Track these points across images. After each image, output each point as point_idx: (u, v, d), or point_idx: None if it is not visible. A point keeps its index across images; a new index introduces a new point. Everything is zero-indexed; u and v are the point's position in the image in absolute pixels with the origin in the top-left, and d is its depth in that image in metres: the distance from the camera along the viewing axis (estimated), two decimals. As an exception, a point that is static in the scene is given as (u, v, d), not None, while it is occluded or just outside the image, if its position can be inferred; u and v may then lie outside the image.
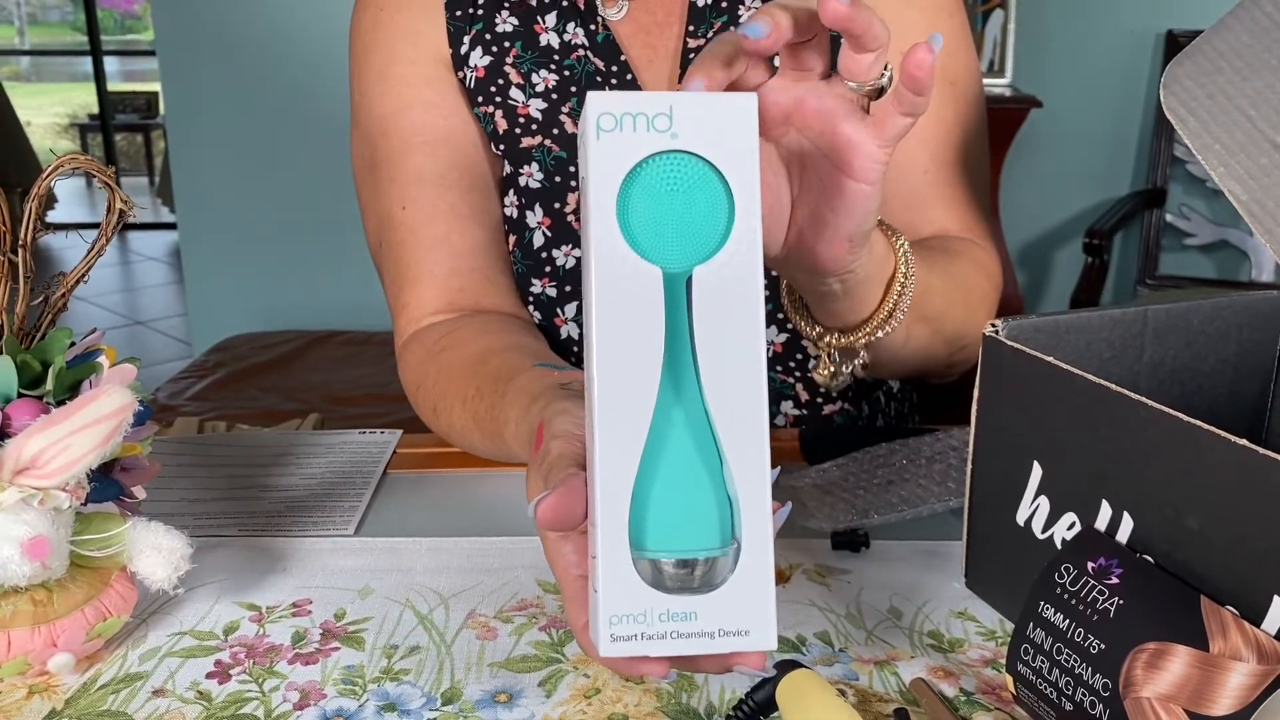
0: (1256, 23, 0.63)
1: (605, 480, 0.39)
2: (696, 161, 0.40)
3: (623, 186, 0.40)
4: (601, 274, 0.40)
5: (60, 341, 0.57)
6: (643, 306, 0.40)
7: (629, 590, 0.39)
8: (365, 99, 0.85)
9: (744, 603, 0.40)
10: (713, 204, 0.40)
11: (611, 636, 0.39)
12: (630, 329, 0.40)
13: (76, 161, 0.58)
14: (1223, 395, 0.64)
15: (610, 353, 0.40)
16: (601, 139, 0.40)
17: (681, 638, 0.40)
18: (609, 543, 0.39)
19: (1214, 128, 0.63)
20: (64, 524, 0.54)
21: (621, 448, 0.39)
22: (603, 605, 0.39)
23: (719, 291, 0.40)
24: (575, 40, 0.83)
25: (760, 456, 0.40)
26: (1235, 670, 0.41)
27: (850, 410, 0.89)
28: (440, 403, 0.75)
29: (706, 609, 0.40)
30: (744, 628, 0.40)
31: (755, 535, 0.40)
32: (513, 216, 0.87)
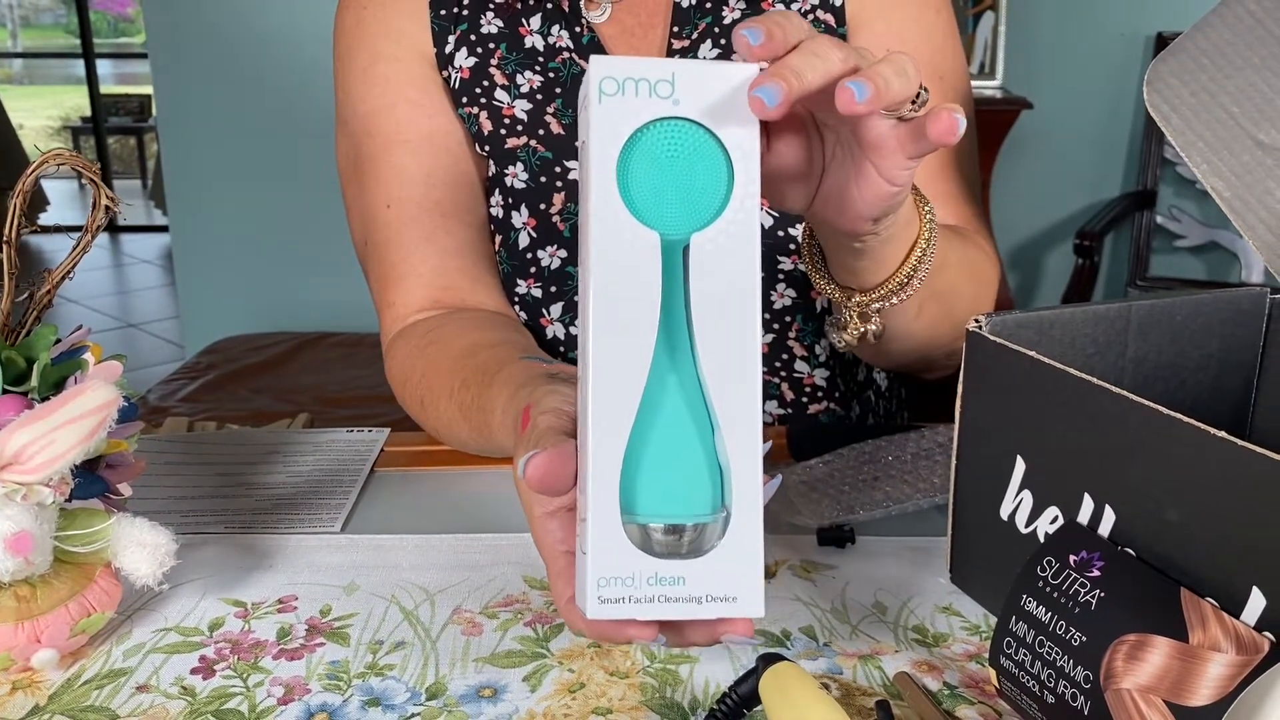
0: (1239, 21, 0.63)
1: (598, 442, 0.39)
2: (697, 129, 0.41)
3: (623, 152, 0.40)
4: (600, 238, 0.40)
5: (45, 338, 0.57)
6: (640, 272, 0.40)
7: (618, 553, 0.39)
8: (349, 97, 0.85)
9: (732, 569, 0.40)
10: (712, 172, 0.41)
11: (599, 599, 0.39)
12: (627, 294, 0.40)
13: (62, 158, 0.58)
14: (1206, 391, 0.64)
15: (606, 317, 0.40)
16: (603, 103, 0.40)
17: (669, 602, 0.40)
18: (600, 505, 0.39)
19: (1197, 125, 0.63)
20: (48, 519, 0.54)
21: (615, 411, 0.40)
22: (591, 567, 0.39)
23: (716, 259, 0.40)
24: (560, 43, 0.83)
25: (753, 425, 0.40)
26: (1214, 661, 0.41)
27: (837, 410, 0.90)
28: (427, 396, 0.75)
29: (695, 574, 0.40)
30: (732, 594, 0.40)
31: (745, 503, 0.40)
32: (498, 217, 0.87)
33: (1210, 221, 2.78)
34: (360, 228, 0.85)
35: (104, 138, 6.28)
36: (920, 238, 0.62)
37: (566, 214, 0.84)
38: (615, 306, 0.40)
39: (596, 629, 0.42)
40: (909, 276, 0.62)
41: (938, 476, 0.72)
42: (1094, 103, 2.83)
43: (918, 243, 0.62)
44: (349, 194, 0.86)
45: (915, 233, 0.62)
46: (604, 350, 0.40)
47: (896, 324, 0.68)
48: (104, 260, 5.09)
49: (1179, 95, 0.64)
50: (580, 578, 0.41)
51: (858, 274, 0.62)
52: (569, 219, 0.84)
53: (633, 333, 0.40)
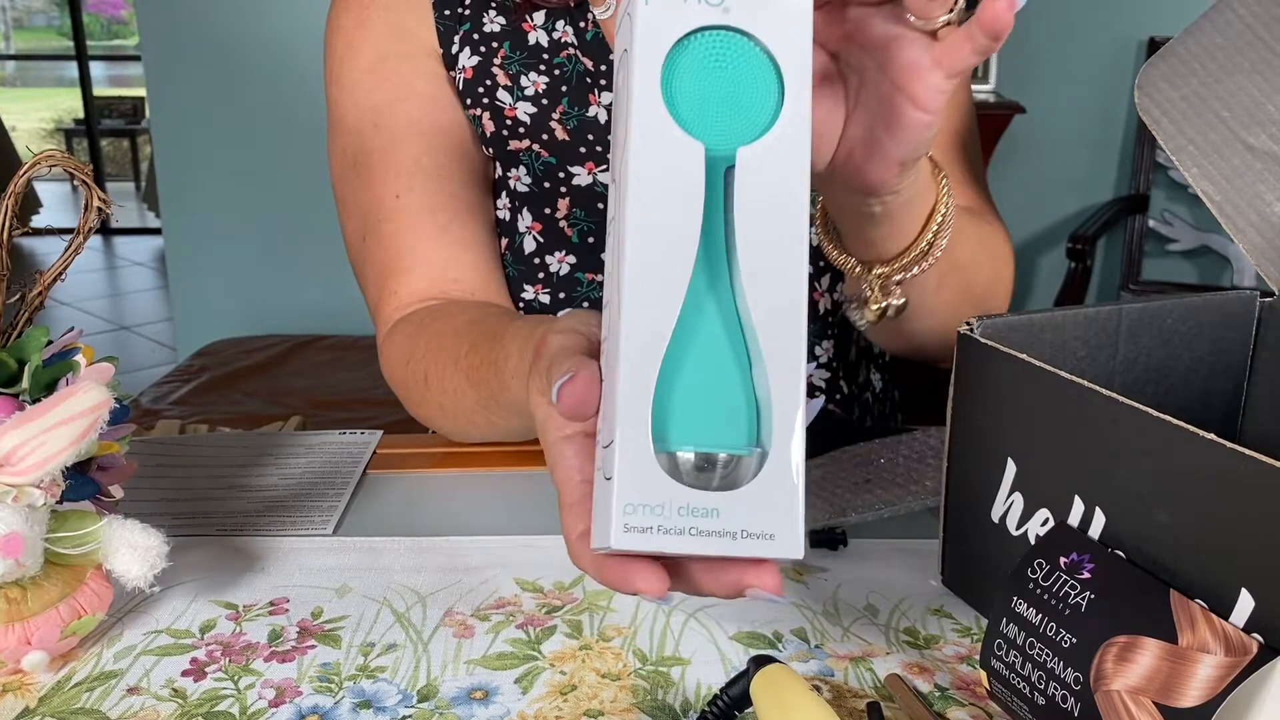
0: (1230, 25, 0.63)
1: (629, 362, 0.37)
2: (747, 41, 0.39)
3: (668, 58, 0.38)
4: (641, 148, 0.37)
5: (37, 339, 0.57)
6: (682, 183, 0.37)
7: (648, 478, 0.37)
8: (349, 94, 0.83)
9: (771, 505, 0.37)
10: (762, 85, 0.38)
11: (625, 526, 0.36)
12: (667, 206, 0.37)
13: (54, 159, 0.58)
14: (1196, 394, 0.64)
15: (644, 231, 0.37)
16: (651, 4, 0.38)
17: (700, 535, 0.37)
18: (630, 427, 0.37)
19: (1187, 129, 0.63)
20: (38, 521, 0.54)
21: (649, 330, 0.37)
22: (618, 491, 0.36)
23: (762, 177, 0.38)
24: (564, 39, 0.82)
25: (796, 358, 0.38)
26: (1203, 662, 0.41)
27: (837, 412, 0.90)
28: (431, 369, 0.73)
29: (730, 507, 0.37)
30: (769, 531, 0.37)
31: (785, 438, 0.37)
32: (504, 219, 0.86)
33: (1202, 226, 2.79)
34: (359, 223, 0.83)
35: (97, 140, 6.28)
36: (939, 202, 0.61)
37: (573, 219, 0.84)
38: (654, 220, 0.37)
39: (607, 569, 0.39)
40: (930, 244, 0.61)
41: (930, 479, 0.72)
42: (1086, 107, 2.84)
43: (936, 207, 0.61)
44: (346, 191, 0.85)
45: (934, 198, 0.61)
46: (639, 266, 0.37)
47: (917, 298, 0.66)
48: (97, 263, 5.08)
49: (1169, 99, 0.64)
50: (602, 506, 0.38)
51: (877, 244, 0.61)
52: (575, 224, 0.84)
53: (671, 250, 0.37)
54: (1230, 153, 0.63)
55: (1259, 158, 0.62)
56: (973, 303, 0.74)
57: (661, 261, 0.37)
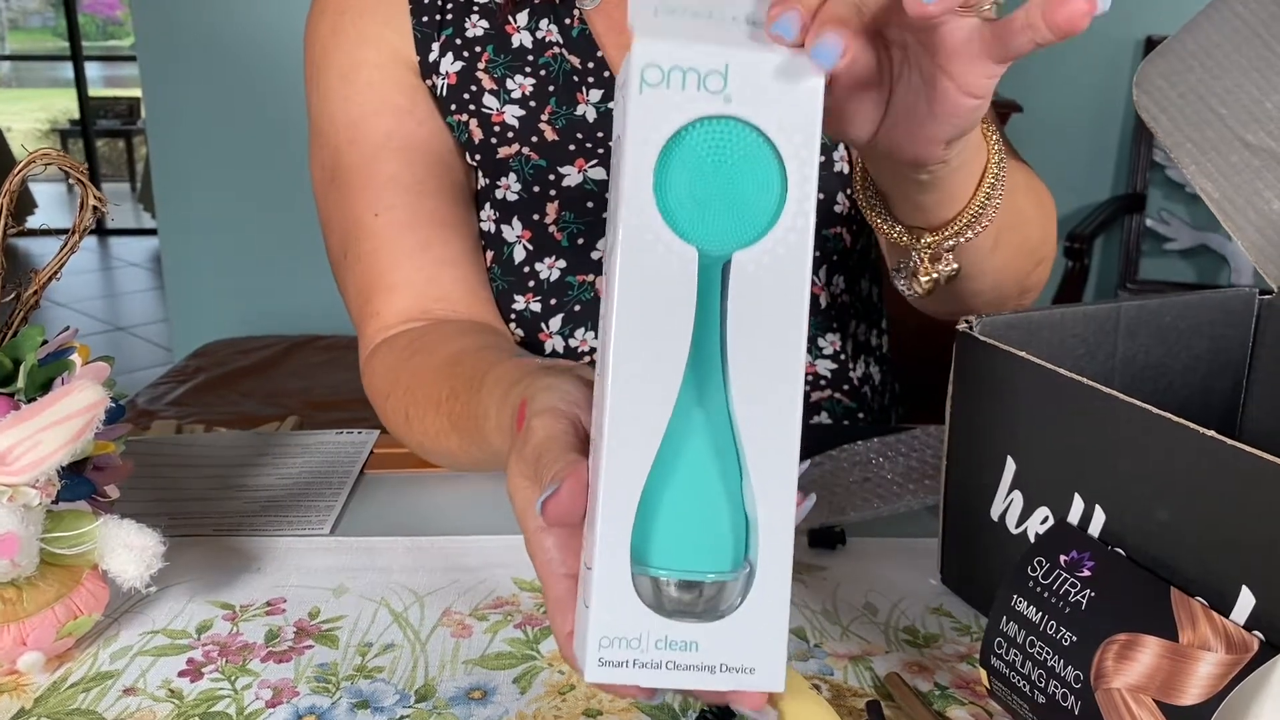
0: (1227, 22, 0.63)
1: (611, 484, 0.35)
2: (749, 131, 0.36)
3: (663, 152, 0.35)
4: (630, 249, 0.35)
5: (32, 339, 0.57)
6: (673, 290, 0.35)
7: (625, 610, 0.35)
8: (327, 105, 0.82)
9: (752, 636, 0.36)
10: (763, 182, 0.36)
11: (600, 660, 0.35)
12: (656, 314, 0.35)
13: (49, 158, 0.58)
14: (1195, 391, 0.64)
15: (631, 338, 0.35)
16: (645, 94, 0.35)
17: (678, 669, 0.35)
18: (608, 554, 0.35)
19: (1185, 126, 0.63)
20: (34, 521, 0.54)
21: (633, 448, 0.35)
22: (593, 625, 0.35)
23: (759, 282, 0.35)
24: (549, 37, 0.81)
25: (787, 476, 0.36)
26: (1204, 660, 0.41)
27: (843, 401, 0.89)
28: (412, 409, 0.72)
29: (710, 639, 0.35)
30: (750, 664, 0.36)
31: (772, 562, 0.36)
32: (489, 232, 0.85)
33: (1200, 225, 2.79)
34: (339, 240, 0.82)
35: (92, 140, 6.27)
36: (990, 162, 0.57)
37: (563, 223, 0.83)
38: (641, 329, 0.35)
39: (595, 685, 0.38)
40: (982, 207, 0.57)
41: (928, 477, 0.72)
42: (1084, 106, 2.84)
43: (988, 168, 0.57)
44: (326, 206, 0.83)
45: (985, 158, 0.57)
46: (625, 379, 0.35)
47: (971, 261, 0.63)
48: (92, 263, 5.08)
49: (1167, 97, 0.64)
50: (580, 630, 0.37)
51: (927, 210, 0.57)
52: (565, 227, 0.83)
53: (659, 360, 0.35)
54: (1228, 150, 0.62)
55: (1257, 155, 0.62)
56: (1028, 254, 0.71)
57: (647, 374, 0.35)
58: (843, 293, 0.89)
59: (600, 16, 0.82)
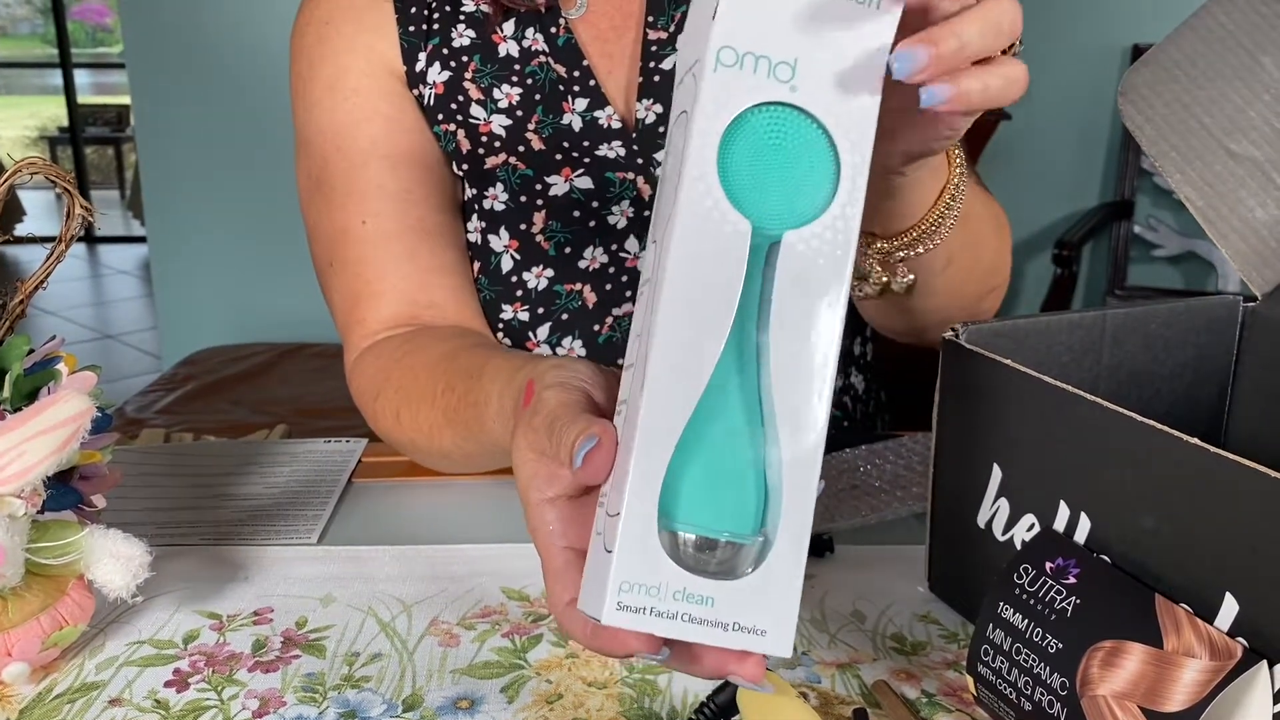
0: (1211, 32, 0.64)
1: (646, 435, 0.36)
2: (810, 123, 0.38)
3: (728, 129, 0.37)
4: (689, 215, 0.37)
5: (18, 348, 0.56)
6: (725, 259, 0.37)
7: (648, 558, 0.36)
8: (312, 114, 0.82)
9: (767, 600, 0.37)
10: (819, 170, 0.38)
11: (619, 604, 0.36)
12: (707, 280, 0.37)
13: (35, 166, 0.58)
14: (1181, 399, 0.65)
15: (678, 301, 0.37)
16: (718, 73, 0.37)
17: (692, 622, 0.37)
18: (637, 503, 0.36)
19: (1170, 135, 0.64)
20: (19, 531, 0.53)
21: (671, 403, 0.37)
22: (615, 568, 0.36)
23: (806, 263, 0.37)
24: (535, 46, 0.81)
25: (813, 449, 0.37)
26: (1188, 667, 0.41)
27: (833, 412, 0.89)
28: (404, 407, 0.72)
29: (726, 597, 0.37)
30: (761, 626, 0.37)
31: (792, 532, 0.37)
32: (476, 242, 0.84)
33: (1187, 231, 2.80)
34: (325, 248, 0.82)
35: (81, 148, 6.25)
36: (949, 184, 0.58)
37: (550, 232, 0.83)
38: (691, 292, 0.37)
39: (599, 639, 0.39)
40: (935, 225, 0.58)
41: (916, 485, 0.72)
42: (1072, 114, 2.85)
43: (946, 188, 0.58)
44: (311, 213, 0.83)
45: (944, 179, 0.58)
46: (669, 338, 0.37)
47: (923, 278, 0.64)
48: (81, 271, 5.06)
49: (1152, 106, 0.64)
50: (597, 576, 0.38)
51: (883, 217, 0.58)
52: (552, 237, 0.83)
53: (703, 325, 0.37)
54: (1213, 159, 0.63)
55: (1241, 163, 0.62)
56: (979, 281, 0.72)
57: (692, 336, 0.37)
58: None
59: (585, 25, 0.83)
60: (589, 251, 0.83)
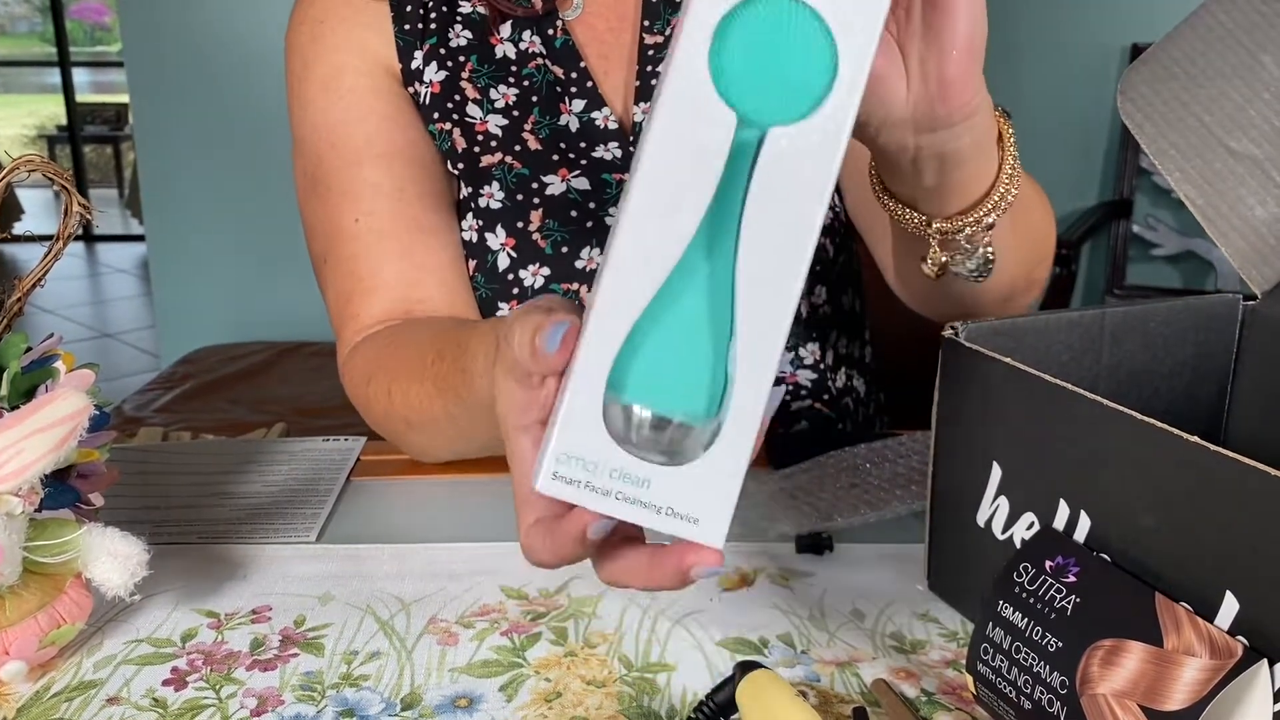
0: (1210, 30, 0.64)
1: (603, 308, 0.36)
2: (813, 17, 0.37)
3: (725, 18, 0.36)
4: (672, 102, 0.36)
5: (16, 346, 0.56)
6: (706, 148, 0.36)
7: (589, 433, 0.36)
8: (307, 112, 0.82)
9: (705, 489, 0.37)
10: (814, 67, 0.37)
11: (554, 474, 0.36)
12: (683, 168, 0.36)
13: (33, 164, 0.57)
14: (1180, 397, 0.64)
15: (652, 186, 0.36)
16: None
17: (625, 501, 0.37)
18: (585, 377, 0.36)
19: (1169, 133, 0.64)
20: (16, 529, 0.53)
21: (632, 285, 0.36)
22: (555, 439, 0.36)
23: (789, 161, 0.36)
24: (532, 48, 0.81)
25: (773, 349, 0.37)
26: (1188, 666, 0.41)
27: (823, 410, 0.89)
28: (395, 384, 0.72)
29: (663, 481, 0.37)
30: (695, 515, 0.37)
31: (741, 423, 0.37)
32: (472, 241, 0.84)
33: (1186, 230, 2.80)
34: (321, 246, 0.82)
35: (80, 147, 6.25)
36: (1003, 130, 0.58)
37: (546, 230, 0.83)
38: (666, 178, 0.36)
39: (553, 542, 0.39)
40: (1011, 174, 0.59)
41: (915, 483, 0.72)
42: (1070, 113, 2.85)
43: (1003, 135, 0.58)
44: (307, 211, 0.83)
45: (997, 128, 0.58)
46: (639, 219, 0.36)
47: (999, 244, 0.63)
48: (80, 269, 5.06)
49: (1152, 104, 0.64)
50: (541, 451, 0.38)
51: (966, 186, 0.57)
52: (549, 235, 0.83)
53: (676, 210, 0.36)
54: (1212, 157, 0.63)
55: (1240, 161, 0.62)
56: (1034, 246, 0.71)
57: (663, 219, 0.36)
58: (824, 303, 0.89)
59: (582, 27, 0.83)
60: (586, 252, 0.82)
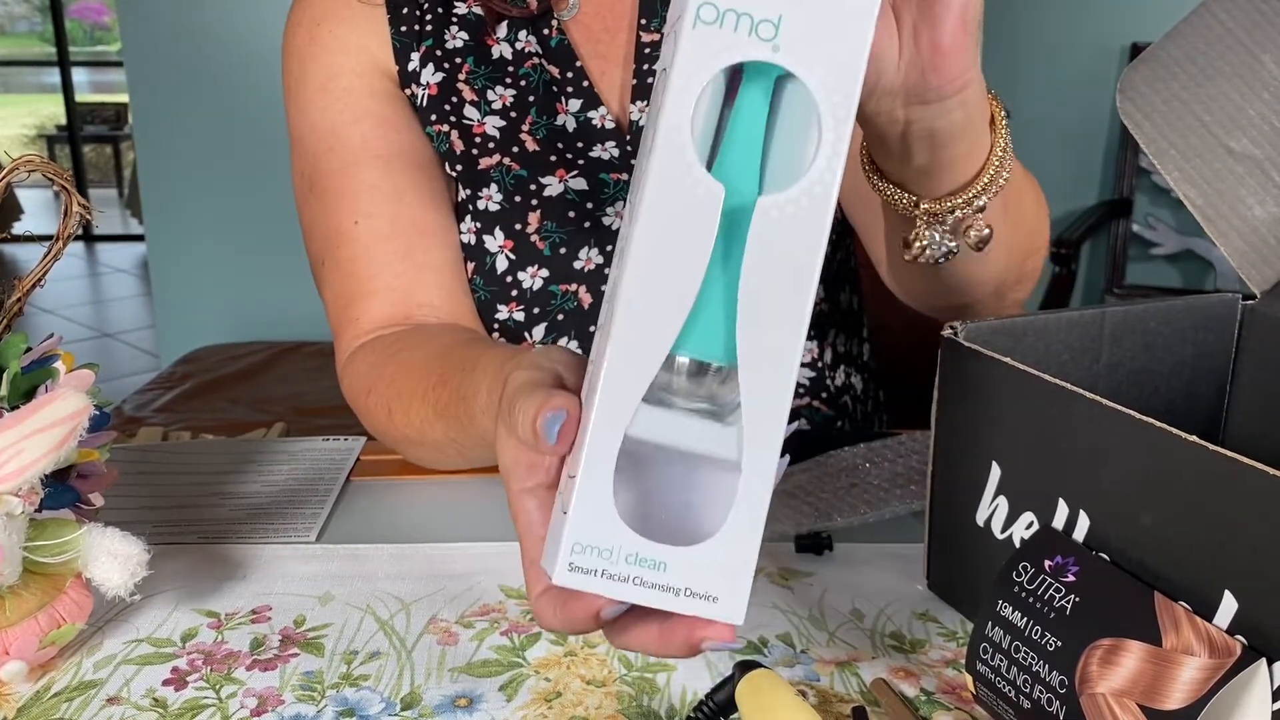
0: (1210, 30, 0.64)
1: (607, 399, 0.36)
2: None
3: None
4: (662, 178, 0.36)
5: (15, 346, 0.56)
6: (696, 224, 0.36)
7: (602, 520, 0.36)
8: (305, 114, 0.82)
9: (720, 566, 0.37)
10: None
11: (570, 565, 0.36)
12: (676, 245, 0.36)
13: (32, 164, 0.57)
14: (1179, 397, 0.65)
15: (645, 266, 0.36)
16: (697, 30, 0.35)
17: (644, 586, 0.36)
18: (594, 465, 0.36)
19: (1169, 133, 0.64)
20: (17, 530, 0.53)
21: (632, 371, 0.36)
22: (569, 528, 0.36)
23: (781, 229, 0.36)
24: (528, 48, 0.81)
25: (777, 421, 0.37)
26: (1187, 665, 0.41)
27: (822, 409, 0.89)
28: (395, 402, 0.72)
29: (679, 562, 0.36)
30: (713, 593, 0.37)
31: (750, 498, 0.37)
32: (470, 243, 0.84)
33: (1185, 230, 2.81)
34: (319, 248, 0.82)
35: (80, 146, 6.25)
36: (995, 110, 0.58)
37: (544, 232, 0.82)
38: (659, 258, 0.36)
39: (565, 615, 0.39)
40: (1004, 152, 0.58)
41: (914, 483, 0.72)
42: (1070, 112, 2.85)
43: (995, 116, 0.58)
44: (306, 213, 0.83)
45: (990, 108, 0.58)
46: (634, 305, 0.36)
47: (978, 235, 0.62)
48: (79, 269, 5.06)
49: (1151, 103, 0.64)
50: (553, 540, 0.38)
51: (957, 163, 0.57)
52: (547, 237, 0.82)
53: (671, 292, 0.36)
54: (1212, 156, 0.63)
55: (1240, 161, 0.62)
56: (1027, 235, 0.71)
57: (658, 303, 0.36)
58: (821, 302, 0.89)
59: (577, 27, 0.83)
60: (584, 252, 0.82)
